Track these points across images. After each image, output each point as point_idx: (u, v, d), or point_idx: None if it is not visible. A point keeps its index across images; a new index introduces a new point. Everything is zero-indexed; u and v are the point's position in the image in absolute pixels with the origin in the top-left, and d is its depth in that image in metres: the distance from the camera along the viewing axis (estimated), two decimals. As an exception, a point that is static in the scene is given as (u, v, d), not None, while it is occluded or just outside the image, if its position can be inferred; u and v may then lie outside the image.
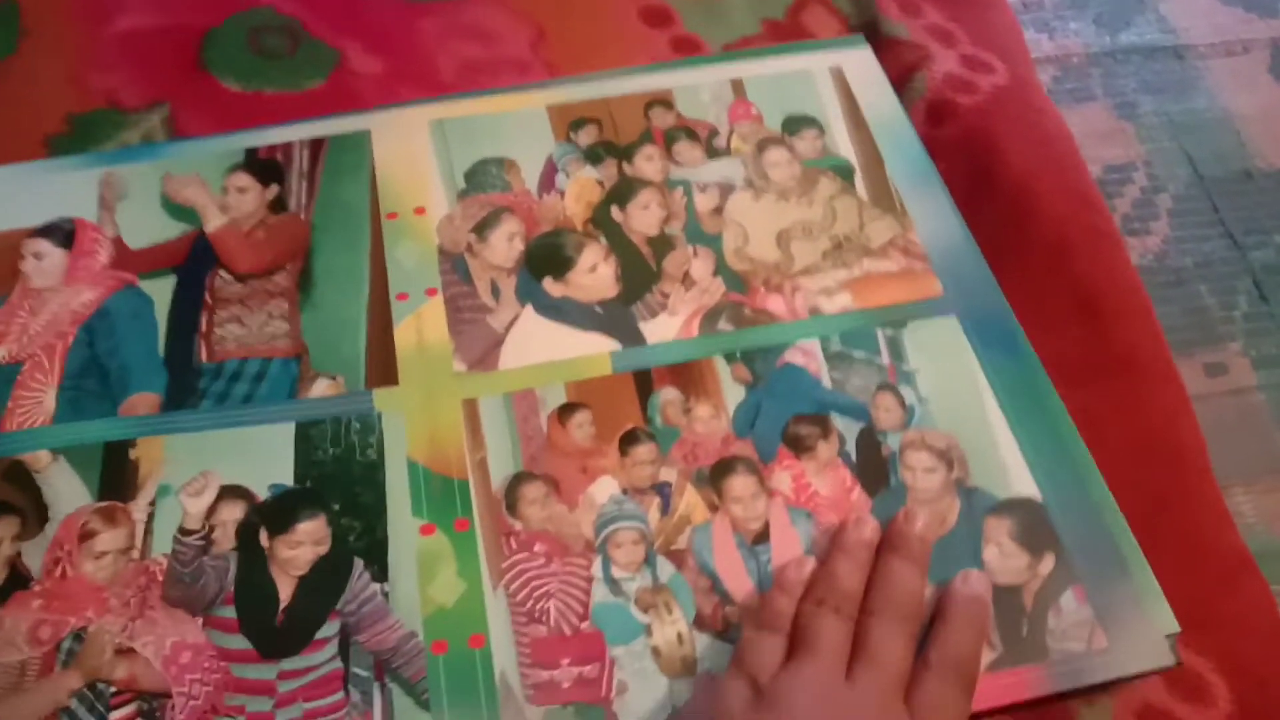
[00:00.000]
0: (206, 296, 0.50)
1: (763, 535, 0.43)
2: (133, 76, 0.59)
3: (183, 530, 0.42)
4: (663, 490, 0.44)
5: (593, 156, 0.55)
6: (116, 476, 0.44)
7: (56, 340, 0.48)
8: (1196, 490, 0.44)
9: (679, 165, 0.55)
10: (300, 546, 0.41)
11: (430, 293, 0.50)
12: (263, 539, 0.42)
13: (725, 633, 0.41)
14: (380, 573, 0.41)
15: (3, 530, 0.42)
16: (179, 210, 0.53)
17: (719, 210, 0.54)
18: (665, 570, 0.42)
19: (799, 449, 0.45)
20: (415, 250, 0.51)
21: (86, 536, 0.42)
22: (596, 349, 0.48)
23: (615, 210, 0.53)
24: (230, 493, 0.43)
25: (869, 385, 0.47)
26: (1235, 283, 0.55)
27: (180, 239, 0.52)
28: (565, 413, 0.46)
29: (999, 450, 0.45)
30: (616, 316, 0.49)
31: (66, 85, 0.58)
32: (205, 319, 0.49)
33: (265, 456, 0.44)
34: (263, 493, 0.43)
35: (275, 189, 0.54)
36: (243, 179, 0.54)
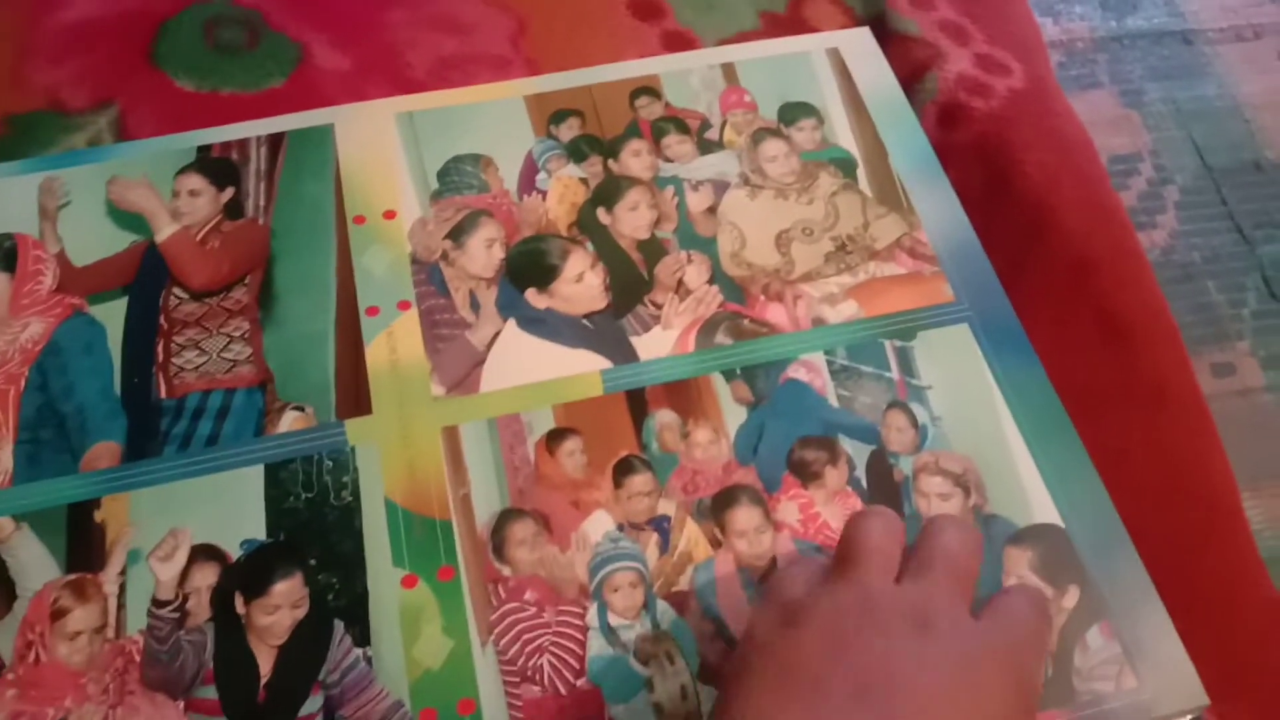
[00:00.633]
0: (161, 320, 0.45)
1: (769, 573, 0.39)
2: (78, 73, 0.54)
3: (156, 602, 0.39)
4: (661, 525, 0.41)
5: (576, 153, 0.51)
6: (84, 542, 0.40)
7: (8, 386, 0.43)
8: (1229, 533, 0.42)
9: (669, 161, 0.51)
10: (278, 611, 0.38)
11: (403, 306, 0.46)
12: (238, 605, 0.39)
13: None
14: (362, 635, 0.38)
15: (-31, 612, 0.38)
16: (127, 218, 0.48)
17: (713, 210, 0.50)
18: (666, 616, 0.39)
19: (806, 477, 0.42)
20: (385, 258, 0.47)
21: (58, 615, 0.38)
22: (586, 367, 0.44)
23: (602, 212, 0.49)
24: (202, 554, 0.40)
25: (878, 403, 0.44)
26: (1244, 279, 0.53)
27: (129, 251, 0.47)
28: (554, 440, 0.42)
29: (1018, 472, 0.42)
30: (606, 331, 0.46)
31: (4, 83, 0.53)
32: (161, 347, 0.45)
33: (235, 506, 0.41)
34: (235, 551, 0.40)
35: (231, 191, 0.49)
36: (195, 181, 0.49)
